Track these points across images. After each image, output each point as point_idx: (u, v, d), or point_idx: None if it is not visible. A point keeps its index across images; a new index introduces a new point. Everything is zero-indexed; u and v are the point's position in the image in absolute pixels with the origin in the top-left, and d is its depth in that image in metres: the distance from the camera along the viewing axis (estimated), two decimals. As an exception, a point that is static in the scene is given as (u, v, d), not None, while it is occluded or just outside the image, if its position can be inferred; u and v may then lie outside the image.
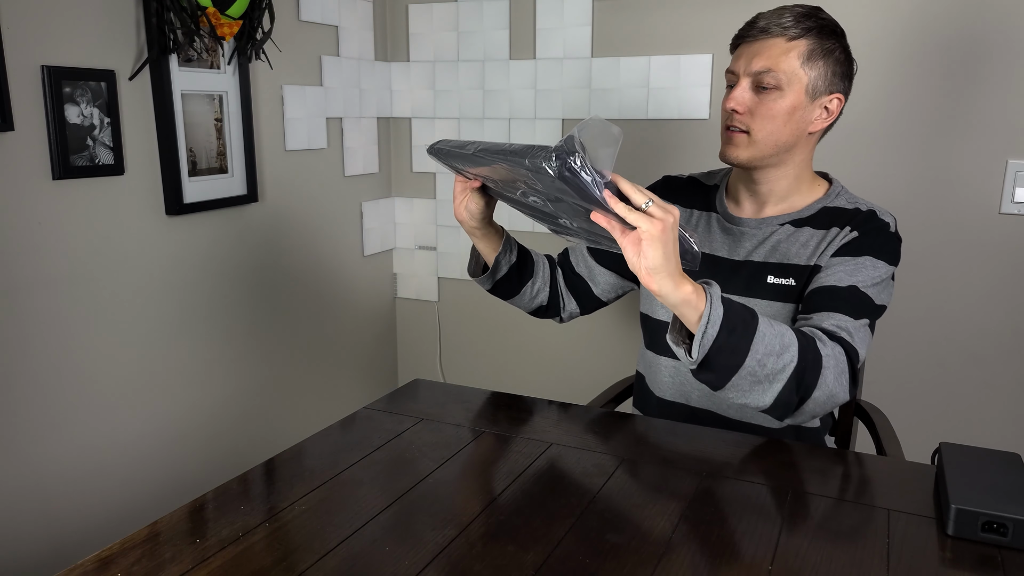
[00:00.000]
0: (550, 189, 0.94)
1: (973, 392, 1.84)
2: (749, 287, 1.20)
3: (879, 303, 1.13)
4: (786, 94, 1.13)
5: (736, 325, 0.95)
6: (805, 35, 1.12)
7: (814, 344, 1.01)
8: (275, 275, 1.98)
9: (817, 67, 1.13)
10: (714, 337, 0.93)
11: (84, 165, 1.48)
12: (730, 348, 0.95)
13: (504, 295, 1.35)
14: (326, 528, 0.87)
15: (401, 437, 1.10)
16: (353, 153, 2.19)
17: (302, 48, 1.98)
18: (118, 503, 1.64)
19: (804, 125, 1.16)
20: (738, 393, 0.99)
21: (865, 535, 0.86)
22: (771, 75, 1.12)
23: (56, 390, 1.50)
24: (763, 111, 1.14)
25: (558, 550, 0.83)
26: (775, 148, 1.16)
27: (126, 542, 0.84)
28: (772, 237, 1.21)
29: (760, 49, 1.14)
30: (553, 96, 2.11)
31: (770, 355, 0.97)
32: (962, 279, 1.80)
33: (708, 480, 0.98)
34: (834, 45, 1.14)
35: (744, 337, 0.95)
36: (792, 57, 1.12)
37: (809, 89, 1.13)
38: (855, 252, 1.14)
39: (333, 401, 2.24)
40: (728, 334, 0.94)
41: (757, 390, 0.99)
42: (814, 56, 1.12)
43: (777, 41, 1.12)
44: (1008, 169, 1.71)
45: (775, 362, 0.97)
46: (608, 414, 1.21)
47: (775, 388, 0.98)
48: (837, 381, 1.02)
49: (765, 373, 0.97)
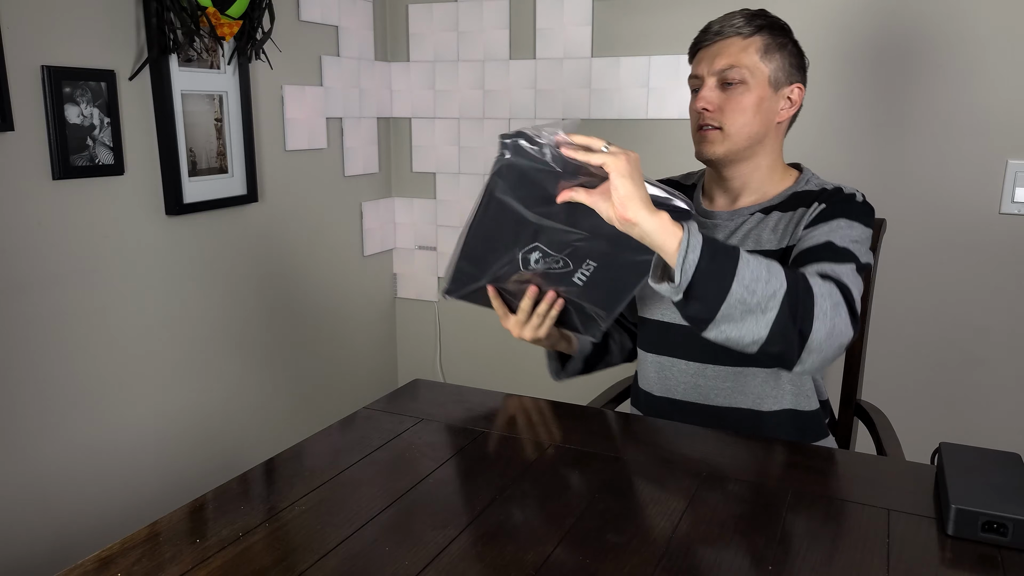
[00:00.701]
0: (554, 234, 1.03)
1: (973, 392, 1.84)
2: None
3: (862, 259, 1.11)
4: (751, 87, 1.17)
5: (717, 251, 0.95)
6: (758, 32, 1.18)
7: (803, 276, 0.99)
8: (275, 275, 1.98)
9: (775, 60, 1.18)
10: (695, 262, 0.93)
11: (84, 165, 1.48)
12: (713, 272, 0.93)
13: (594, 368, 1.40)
14: (326, 528, 0.87)
15: (401, 437, 1.10)
16: (353, 153, 2.19)
17: (302, 48, 1.98)
18: (118, 503, 1.64)
19: (772, 116, 1.20)
20: (731, 325, 0.96)
21: (865, 535, 0.86)
22: (735, 70, 1.17)
23: (56, 390, 1.50)
24: (732, 105, 1.18)
25: (558, 550, 0.83)
26: (748, 140, 1.20)
27: (126, 542, 0.84)
28: (743, 226, 1.23)
29: (720, 50, 1.19)
30: (553, 96, 2.11)
31: (757, 280, 0.94)
32: (962, 279, 1.80)
33: (708, 480, 0.98)
34: (785, 40, 1.20)
35: (727, 262, 0.94)
36: (751, 52, 1.17)
37: (771, 80, 1.18)
38: (827, 218, 1.15)
39: (333, 401, 2.24)
40: (710, 259, 0.93)
41: (750, 320, 0.95)
42: (770, 50, 1.18)
43: (734, 40, 1.18)
44: (1008, 169, 1.71)
45: (764, 288, 0.94)
46: (608, 414, 1.21)
47: (768, 317, 0.95)
48: (835, 312, 0.98)
49: (756, 301, 0.94)
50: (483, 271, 1.13)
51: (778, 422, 1.23)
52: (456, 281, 1.15)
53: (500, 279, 1.14)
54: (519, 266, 1.11)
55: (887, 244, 1.80)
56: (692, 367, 1.25)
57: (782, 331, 0.96)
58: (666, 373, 1.29)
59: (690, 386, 1.26)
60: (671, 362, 1.27)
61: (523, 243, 1.08)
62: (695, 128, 1.22)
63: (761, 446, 1.09)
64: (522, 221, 1.05)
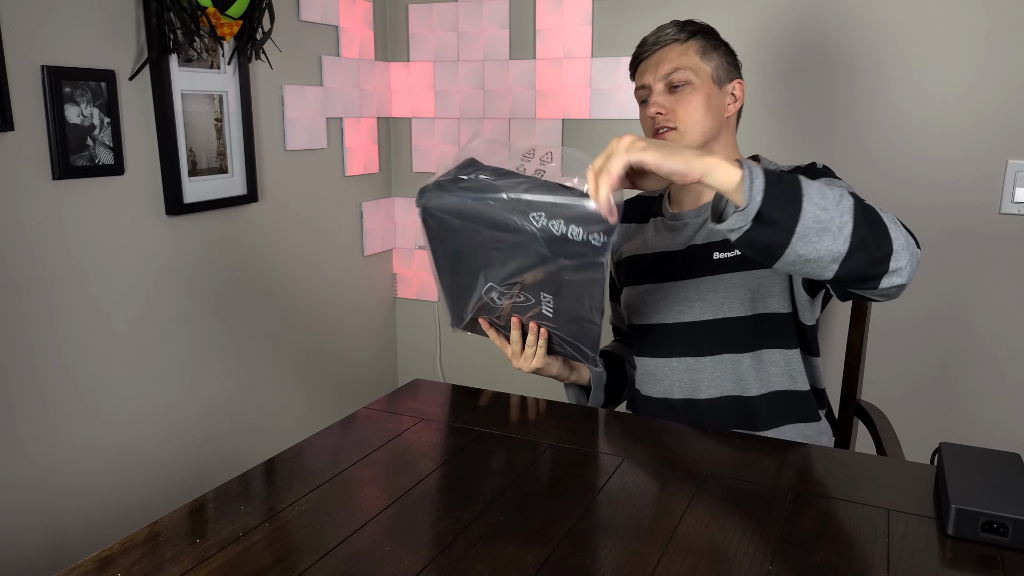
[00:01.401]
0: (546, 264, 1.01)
1: (973, 392, 1.84)
2: (695, 269, 1.25)
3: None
4: (698, 86, 1.23)
5: (781, 176, 0.90)
6: (693, 36, 1.25)
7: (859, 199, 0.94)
8: (275, 275, 1.98)
9: (714, 59, 1.25)
10: (763, 187, 0.87)
11: (84, 165, 1.48)
12: (783, 194, 0.88)
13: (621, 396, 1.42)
14: (326, 528, 0.87)
15: (401, 437, 1.10)
16: (353, 153, 2.19)
17: (302, 48, 1.98)
18: (118, 503, 1.64)
19: (721, 112, 1.26)
20: (807, 245, 0.90)
21: (865, 535, 0.86)
22: (680, 72, 1.23)
23: (56, 390, 1.50)
24: (683, 105, 1.23)
25: (558, 550, 0.83)
26: (703, 136, 1.24)
27: (126, 542, 0.84)
28: (709, 220, 1.24)
29: (661, 57, 1.25)
30: (553, 96, 2.11)
31: (825, 197, 0.90)
32: (962, 279, 1.80)
33: (708, 480, 0.98)
34: (717, 42, 1.27)
35: (792, 182, 0.89)
36: (691, 54, 1.24)
37: (715, 78, 1.24)
38: None
39: (333, 401, 2.24)
40: (777, 181, 0.89)
41: (827, 237, 0.90)
42: (707, 51, 1.25)
43: (672, 47, 1.25)
44: (1008, 169, 1.71)
45: (834, 203, 0.90)
46: (608, 414, 1.21)
47: (845, 232, 0.90)
48: (896, 226, 0.93)
49: (828, 217, 0.89)
50: (466, 308, 1.16)
51: (768, 405, 1.24)
52: (454, 316, 1.19)
53: (486, 313, 1.16)
54: (491, 303, 1.13)
55: (887, 244, 1.80)
56: (684, 363, 1.27)
57: (861, 243, 0.90)
58: (660, 374, 1.31)
59: (684, 383, 1.28)
60: (664, 362, 1.29)
61: (480, 283, 1.09)
62: (651, 135, 1.26)
63: (761, 446, 1.09)
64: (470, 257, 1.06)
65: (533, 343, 1.17)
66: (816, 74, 1.84)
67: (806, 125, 1.87)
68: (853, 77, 1.81)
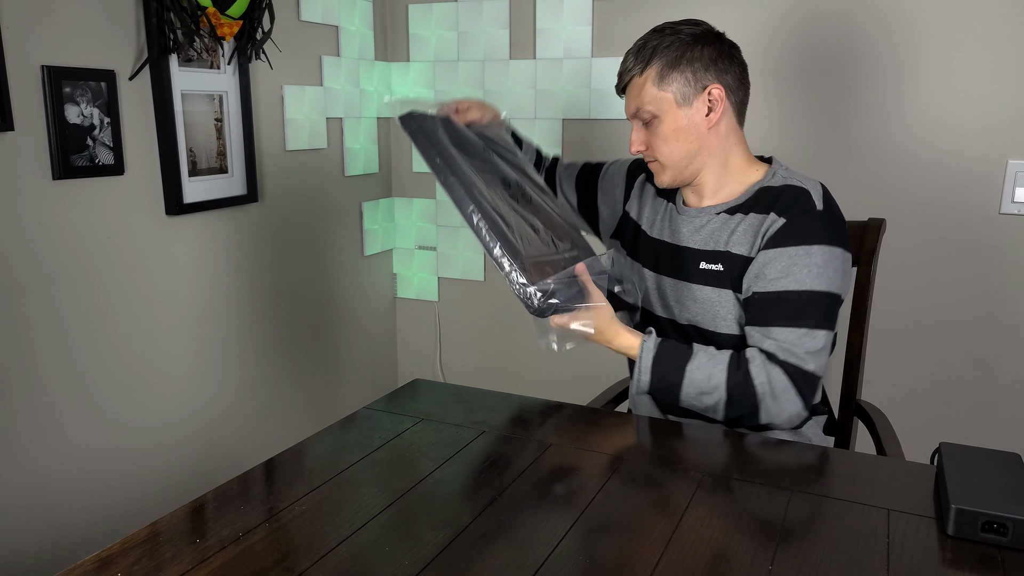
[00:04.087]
0: None
1: (973, 392, 1.84)
2: (683, 271, 1.26)
3: (822, 291, 1.14)
4: (663, 118, 1.22)
5: (667, 371, 1.17)
6: (648, 63, 1.21)
7: (743, 377, 1.13)
8: (275, 275, 1.98)
9: (674, 80, 1.21)
10: (648, 382, 1.18)
11: (84, 165, 1.48)
12: (665, 387, 1.18)
13: None
14: (326, 528, 0.87)
15: (401, 437, 1.10)
16: (353, 153, 2.19)
17: (302, 48, 1.98)
18: (118, 503, 1.64)
19: (698, 128, 1.22)
20: (688, 405, 1.19)
21: (865, 535, 0.86)
22: (643, 111, 1.23)
23: (56, 390, 1.50)
24: (656, 140, 1.24)
25: (558, 550, 0.83)
26: (685, 160, 1.24)
27: (126, 542, 0.84)
28: (707, 226, 1.25)
29: (628, 95, 1.26)
30: (553, 96, 2.11)
31: (701, 394, 1.16)
32: (962, 279, 1.80)
33: (708, 480, 0.98)
34: (680, 51, 1.21)
35: (674, 379, 1.17)
36: (648, 86, 1.22)
37: (678, 100, 1.21)
38: (784, 242, 1.16)
39: (333, 401, 2.24)
40: (659, 379, 1.17)
41: (708, 413, 1.18)
42: (665, 75, 1.21)
43: (635, 81, 1.23)
44: (1008, 169, 1.71)
45: (707, 399, 1.15)
46: (608, 414, 1.21)
47: (720, 416, 1.17)
48: (779, 401, 1.13)
49: (703, 407, 1.17)
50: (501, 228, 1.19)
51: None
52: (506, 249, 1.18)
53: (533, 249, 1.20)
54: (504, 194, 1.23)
55: (887, 244, 1.80)
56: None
57: (736, 421, 1.17)
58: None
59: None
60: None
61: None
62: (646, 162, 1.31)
63: (761, 446, 1.09)
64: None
65: None
66: (818, 74, 1.84)
67: (807, 125, 1.87)
68: (854, 77, 1.81)
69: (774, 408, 1.13)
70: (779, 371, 1.12)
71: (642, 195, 1.40)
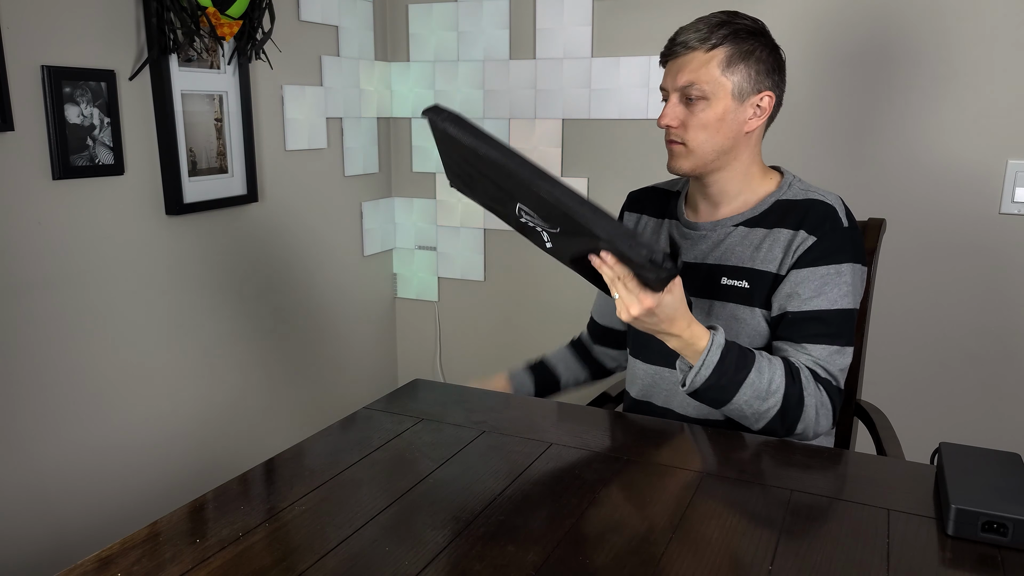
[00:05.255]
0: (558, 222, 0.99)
1: (973, 392, 1.84)
2: (705, 289, 1.23)
3: (852, 308, 1.17)
4: (712, 103, 1.17)
5: (727, 370, 1.07)
6: (721, 44, 1.16)
7: (799, 389, 1.11)
8: (275, 275, 1.98)
9: (739, 71, 1.16)
10: (705, 378, 1.07)
11: (84, 165, 1.48)
12: (720, 388, 1.08)
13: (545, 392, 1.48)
14: (326, 528, 0.87)
15: (401, 437, 1.10)
16: (353, 153, 2.19)
17: (302, 48, 1.98)
18: (118, 503, 1.64)
19: (738, 127, 1.19)
20: (733, 417, 1.14)
21: (865, 535, 0.86)
22: (695, 87, 1.16)
23: (56, 390, 1.50)
24: (694, 122, 1.18)
25: (558, 550, 0.83)
26: (714, 154, 1.20)
27: (126, 542, 0.84)
28: (726, 240, 1.23)
29: (683, 64, 1.18)
30: (553, 96, 2.11)
31: (757, 398, 1.09)
32: (962, 279, 1.80)
33: (708, 480, 0.98)
34: (753, 46, 1.17)
35: (734, 381, 1.08)
36: (712, 67, 1.16)
37: (735, 92, 1.17)
38: (816, 261, 1.16)
39: (333, 401, 2.24)
40: (719, 377, 1.07)
41: (747, 421, 1.13)
42: (733, 61, 1.16)
43: (695, 55, 1.17)
44: (1008, 169, 1.71)
45: (760, 404, 1.10)
46: (608, 414, 1.21)
47: (761, 423, 1.12)
48: (819, 417, 1.12)
49: (752, 411, 1.10)
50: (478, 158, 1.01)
51: None
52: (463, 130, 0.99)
53: None
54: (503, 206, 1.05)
55: (887, 244, 1.80)
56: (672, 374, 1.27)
57: (771, 430, 1.13)
58: (649, 381, 1.31)
59: (671, 392, 1.28)
60: (655, 370, 1.29)
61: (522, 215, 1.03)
62: (665, 140, 1.23)
63: (761, 446, 1.09)
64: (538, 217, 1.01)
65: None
66: (817, 74, 1.84)
67: (806, 126, 1.87)
68: (853, 78, 1.81)
69: (813, 422, 1.12)
70: (824, 392, 1.13)
71: (636, 226, 1.38)
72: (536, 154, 2.17)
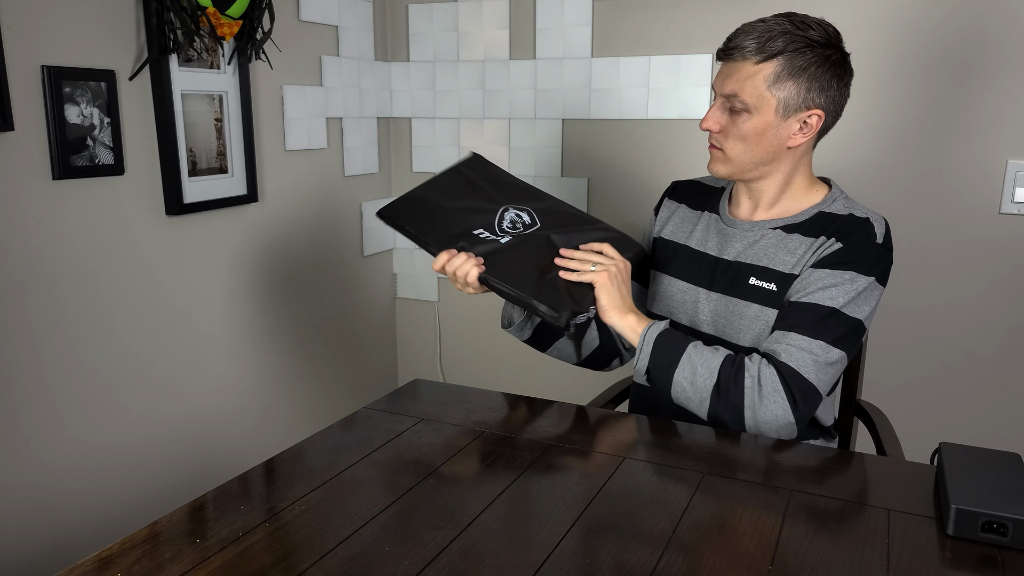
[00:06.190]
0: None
1: (973, 392, 1.84)
2: (732, 287, 1.23)
3: (854, 316, 1.13)
4: (754, 116, 1.15)
5: (659, 359, 1.15)
6: (774, 56, 1.12)
7: (738, 369, 1.11)
8: (275, 275, 1.98)
9: (786, 87, 1.13)
10: (645, 366, 1.16)
11: (84, 165, 1.48)
12: (658, 376, 1.16)
13: (543, 345, 1.37)
14: (326, 528, 0.87)
15: (401, 437, 1.10)
16: (353, 153, 2.19)
17: (302, 48, 1.98)
18: (118, 503, 1.64)
19: (780, 142, 1.17)
20: (682, 402, 1.16)
21: (865, 535, 0.86)
22: (738, 99, 1.15)
23: (56, 390, 1.50)
24: (734, 132, 1.17)
25: (558, 550, 0.83)
26: (751, 164, 1.19)
27: (126, 542, 0.84)
28: (761, 241, 1.22)
29: (732, 71, 1.16)
30: (553, 96, 2.11)
31: (692, 379, 1.13)
32: (962, 279, 1.80)
33: (708, 480, 0.98)
34: (809, 60, 1.12)
35: (668, 367, 1.15)
36: (758, 80, 1.13)
37: (779, 109, 1.14)
38: (836, 264, 1.14)
39: (333, 401, 2.24)
40: (654, 365, 1.15)
41: (693, 405, 1.14)
42: (782, 78, 1.12)
43: (745, 65, 1.14)
44: (1008, 169, 1.71)
45: (694, 387, 1.13)
46: (608, 414, 1.21)
47: (704, 407, 1.13)
48: (765, 400, 1.09)
49: (687, 396, 1.14)
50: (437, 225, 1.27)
51: None
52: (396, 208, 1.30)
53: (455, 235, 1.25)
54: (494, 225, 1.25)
55: (887, 244, 1.80)
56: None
57: (715, 415, 1.13)
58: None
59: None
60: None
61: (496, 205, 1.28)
62: (708, 139, 1.23)
63: (761, 446, 1.09)
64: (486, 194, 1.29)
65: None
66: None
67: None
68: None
69: (760, 408, 1.09)
70: (773, 371, 1.10)
71: (673, 214, 1.37)
72: (536, 154, 2.17)
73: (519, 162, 2.19)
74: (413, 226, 1.26)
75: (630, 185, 2.08)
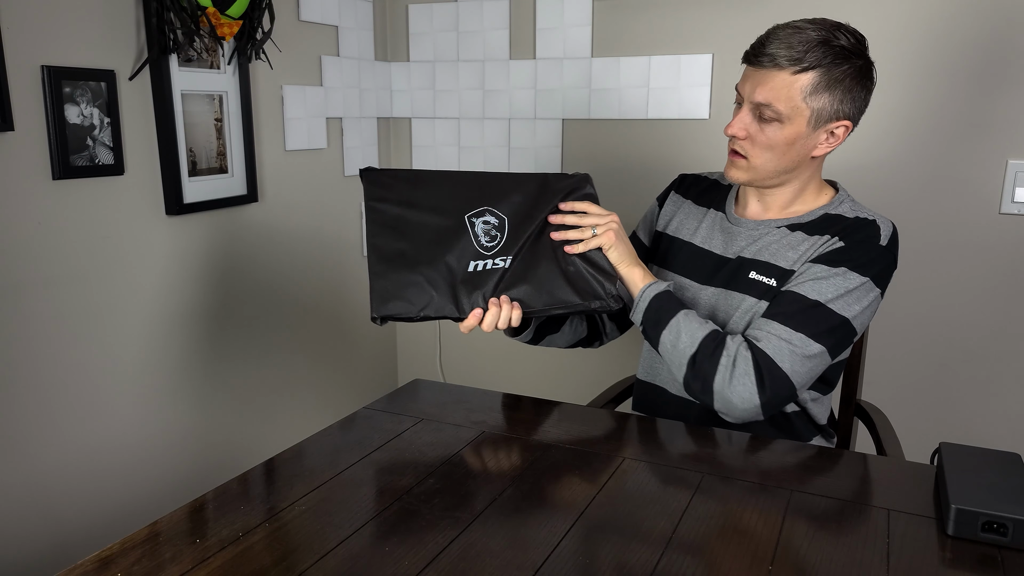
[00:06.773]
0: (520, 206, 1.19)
1: (973, 392, 1.84)
2: (731, 281, 1.23)
3: (840, 313, 1.11)
4: (786, 126, 1.13)
5: (652, 316, 1.17)
6: (812, 68, 1.09)
7: (718, 344, 1.12)
8: (275, 275, 1.98)
9: (822, 99, 1.11)
10: (639, 319, 1.18)
11: (84, 165, 1.48)
12: (649, 330, 1.18)
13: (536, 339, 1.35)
14: (326, 528, 0.87)
15: (401, 437, 1.10)
16: (353, 153, 2.19)
17: (302, 48, 1.98)
18: (118, 503, 1.64)
19: (806, 151, 1.16)
20: (668, 362, 1.17)
21: (865, 535, 0.86)
22: (771, 109, 1.12)
23: (56, 390, 1.50)
24: (762, 140, 1.15)
25: (558, 550, 0.83)
26: (774, 173, 1.18)
27: (126, 542, 0.84)
28: (765, 237, 1.22)
29: (764, 79, 1.12)
30: (553, 96, 2.11)
31: (675, 340, 1.14)
32: (962, 279, 1.80)
33: (708, 480, 0.98)
34: (845, 71, 1.10)
35: (659, 325, 1.16)
36: (795, 92, 1.10)
37: (812, 120, 1.12)
38: (832, 261, 1.14)
39: (333, 401, 2.24)
40: (646, 320, 1.17)
41: (674, 366, 1.15)
42: (819, 89, 1.10)
43: (781, 74, 1.10)
44: (1008, 169, 1.71)
45: (676, 349, 1.14)
46: (608, 414, 1.21)
47: (682, 371, 1.14)
48: (735, 380, 1.09)
49: (670, 357, 1.15)
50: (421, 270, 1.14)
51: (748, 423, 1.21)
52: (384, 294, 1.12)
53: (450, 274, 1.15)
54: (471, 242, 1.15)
55: (887, 244, 1.80)
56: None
57: (688, 383, 1.14)
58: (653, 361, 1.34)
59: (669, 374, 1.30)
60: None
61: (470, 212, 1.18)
62: (729, 146, 1.20)
63: (761, 446, 1.09)
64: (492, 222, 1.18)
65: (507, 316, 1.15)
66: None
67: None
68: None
69: (728, 387, 1.08)
70: (749, 355, 1.09)
71: (679, 209, 1.36)
72: (536, 154, 2.17)
73: (519, 162, 2.19)
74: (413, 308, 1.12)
75: (630, 185, 2.07)
